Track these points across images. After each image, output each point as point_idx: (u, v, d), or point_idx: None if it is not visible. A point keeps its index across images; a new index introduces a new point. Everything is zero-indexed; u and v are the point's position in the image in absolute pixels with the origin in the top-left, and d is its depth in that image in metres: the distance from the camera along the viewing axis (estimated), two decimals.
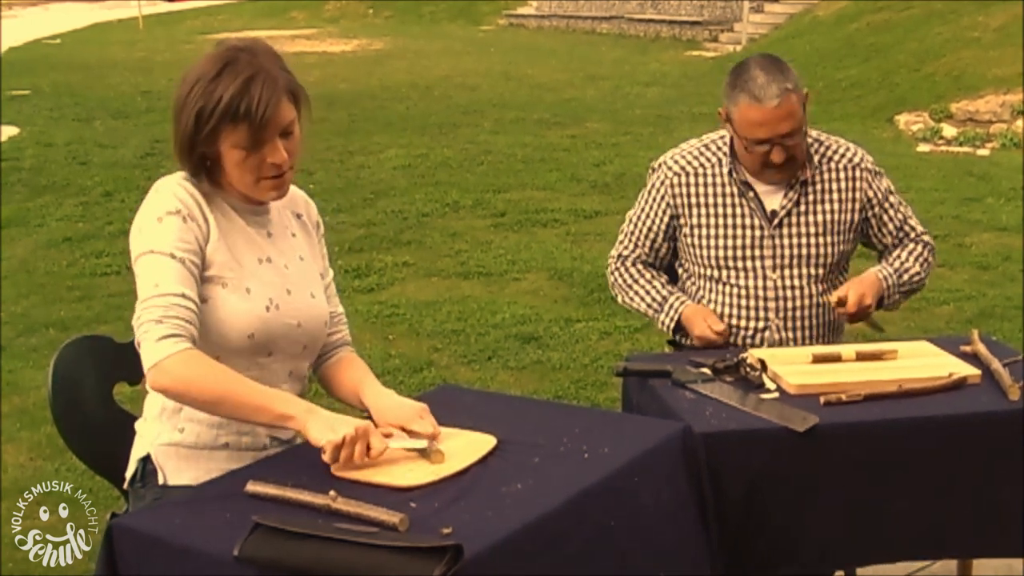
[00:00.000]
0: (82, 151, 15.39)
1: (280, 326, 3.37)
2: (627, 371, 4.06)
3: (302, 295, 3.47)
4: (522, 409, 3.75)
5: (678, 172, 4.58)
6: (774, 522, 3.56)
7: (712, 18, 29.04)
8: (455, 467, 3.09)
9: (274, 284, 3.39)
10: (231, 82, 3.21)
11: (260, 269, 3.38)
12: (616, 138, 15.72)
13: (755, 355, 3.96)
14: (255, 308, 3.32)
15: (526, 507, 2.88)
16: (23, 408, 7.13)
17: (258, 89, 3.22)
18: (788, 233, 4.46)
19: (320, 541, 2.63)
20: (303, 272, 3.52)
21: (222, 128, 3.22)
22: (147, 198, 3.33)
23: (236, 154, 3.26)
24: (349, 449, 3.05)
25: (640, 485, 3.19)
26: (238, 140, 3.24)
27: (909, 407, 3.65)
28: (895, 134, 16.71)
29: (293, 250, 3.52)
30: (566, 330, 8.36)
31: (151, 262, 3.21)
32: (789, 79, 4.31)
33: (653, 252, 4.68)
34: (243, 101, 3.20)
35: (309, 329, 3.48)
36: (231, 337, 3.30)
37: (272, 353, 3.39)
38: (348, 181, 13.37)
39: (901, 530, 3.64)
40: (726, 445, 3.48)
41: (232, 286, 3.30)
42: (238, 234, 3.37)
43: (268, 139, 3.26)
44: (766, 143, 4.32)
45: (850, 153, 4.57)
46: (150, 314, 3.15)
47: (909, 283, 4.52)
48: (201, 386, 3.14)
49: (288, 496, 2.90)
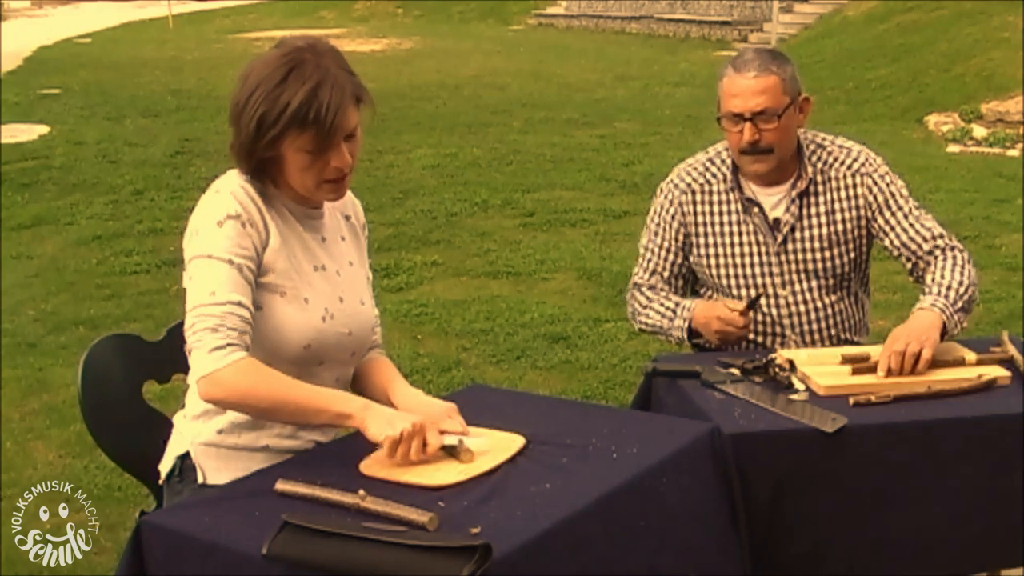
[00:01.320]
0: (112, 150, 15.43)
1: (333, 335, 3.38)
2: (656, 371, 4.05)
3: (353, 303, 3.47)
4: (550, 409, 3.74)
5: (684, 190, 4.56)
6: (802, 524, 3.54)
7: (741, 18, 28.98)
8: (484, 467, 3.09)
9: (328, 293, 3.39)
10: (298, 88, 3.18)
11: (315, 277, 3.38)
12: (645, 138, 15.70)
13: (784, 356, 3.95)
14: (312, 319, 3.32)
15: (555, 507, 2.88)
16: (53, 406, 7.15)
17: (326, 95, 3.19)
18: (793, 248, 4.43)
19: (348, 540, 2.63)
20: (353, 278, 3.52)
21: (287, 134, 3.20)
22: (206, 197, 3.30)
23: (301, 158, 3.24)
24: (407, 445, 3.06)
25: (668, 486, 3.18)
26: (304, 145, 3.22)
27: (939, 408, 3.64)
28: (925, 135, 16.65)
29: (344, 255, 3.52)
30: (594, 330, 8.35)
31: (208, 267, 3.18)
32: (778, 66, 4.33)
33: (673, 274, 4.61)
34: (311, 108, 3.17)
35: (359, 336, 3.49)
36: (288, 347, 3.30)
37: (324, 362, 3.39)
38: (377, 180, 13.38)
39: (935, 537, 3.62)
40: (754, 446, 3.47)
41: (290, 296, 3.30)
42: (296, 240, 3.37)
43: (334, 144, 3.25)
44: (739, 118, 4.31)
45: (850, 159, 4.46)
46: (204, 322, 3.14)
47: (963, 301, 4.17)
48: (257, 395, 3.14)
49: (317, 495, 2.91)
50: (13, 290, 9.83)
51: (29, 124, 17.56)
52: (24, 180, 13.88)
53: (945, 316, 4.05)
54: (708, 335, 4.39)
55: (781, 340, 4.48)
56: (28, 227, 11.94)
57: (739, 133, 4.33)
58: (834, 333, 4.50)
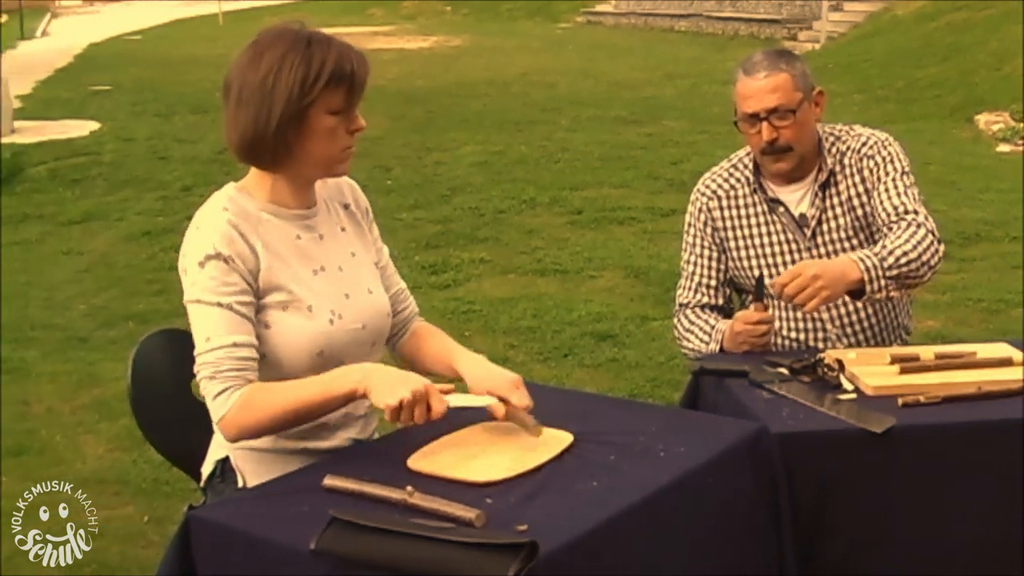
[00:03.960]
0: (162, 146, 15.52)
1: (345, 334, 3.37)
2: (703, 370, 4.04)
3: (361, 295, 3.47)
4: (598, 406, 3.74)
5: (711, 196, 4.59)
6: (849, 525, 3.52)
7: (790, 16, 28.87)
8: (531, 464, 3.09)
9: (332, 294, 3.39)
10: (327, 50, 3.26)
11: (316, 281, 3.37)
12: (693, 136, 15.67)
13: (832, 356, 3.93)
14: (319, 325, 3.32)
15: (602, 505, 2.87)
16: (102, 400, 7.19)
17: (352, 52, 3.30)
18: (823, 242, 4.41)
19: (396, 536, 2.64)
20: (358, 270, 3.51)
21: (322, 94, 3.23)
22: (189, 234, 3.30)
23: (328, 122, 3.27)
24: (408, 411, 3.06)
25: (715, 485, 3.17)
26: (335, 103, 3.26)
27: (988, 410, 3.61)
28: (974, 134, 16.55)
29: (344, 248, 3.51)
30: (642, 328, 8.34)
31: (199, 313, 3.23)
32: (788, 63, 4.34)
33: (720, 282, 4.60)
34: (345, 63, 3.26)
35: (374, 327, 3.48)
36: (300, 358, 3.31)
37: (343, 361, 3.36)
38: (425, 178, 13.39)
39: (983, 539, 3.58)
40: (802, 446, 3.45)
41: (292, 308, 3.30)
42: (290, 249, 3.36)
43: (356, 104, 3.32)
44: (755, 118, 4.32)
45: (858, 143, 4.43)
46: (204, 371, 3.20)
47: (897, 267, 4.05)
48: (267, 420, 3.20)
49: (365, 490, 2.91)
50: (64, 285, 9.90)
51: (80, 120, 17.69)
52: (75, 176, 13.99)
53: (867, 275, 4.01)
54: (738, 348, 4.36)
55: (823, 334, 4.47)
56: (78, 223, 12.03)
57: (757, 134, 4.34)
58: (875, 322, 4.48)
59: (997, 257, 10.17)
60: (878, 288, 4.03)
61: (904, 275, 4.07)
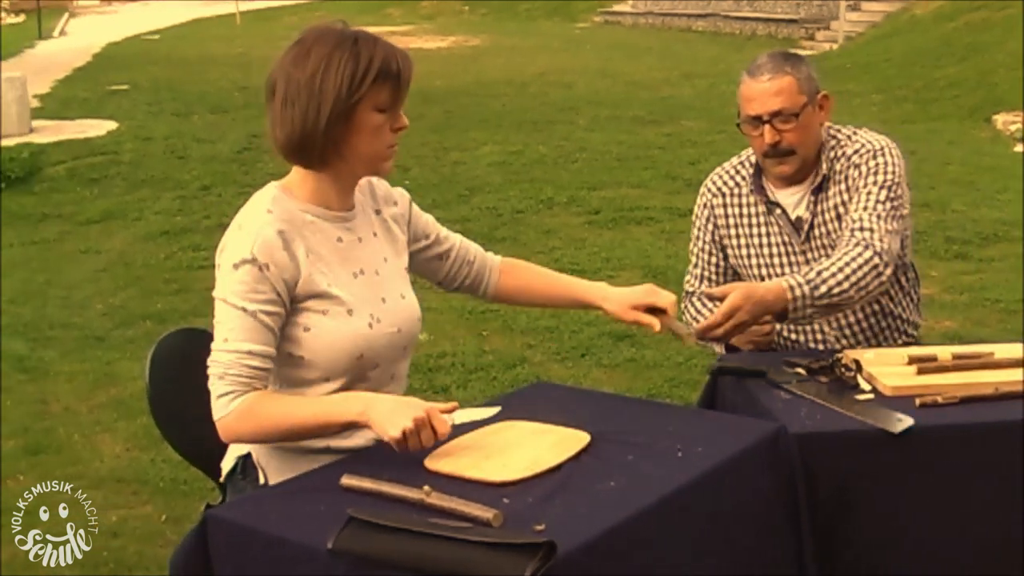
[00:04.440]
0: (180, 145, 15.55)
1: (382, 338, 3.40)
2: (722, 370, 4.04)
3: (395, 299, 3.49)
4: (615, 406, 3.73)
5: (715, 193, 4.59)
6: (868, 526, 3.52)
7: (809, 16, 28.86)
8: (548, 463, 3.08)
9: (370, 297, 3.41)
10: (374, 47, 3.27)
11: (356, 284, 3.40)
12: (711, 136, 15.67)
13: (850, 356, 3.93)
14: (360, 329, 3.34)
15: (620, 505, 2.87)
16: (120, 399, 7.22)
17: (398, 50, 3.32)
18: (817, 245, 4.39)
19: (413, 536, 2.64)
20: (391, 275, 3.53)
21: (371, 90, 3.25)
22: (231, 232, 3.33)
23: (374, 119, 3.29)
24: (415, 439, 3.06)
25: (734, 485, 3.17)
26: (382, 101, 3.28)
27: (1007, 410, 3.60)
28: (993, 134, 16.53)
29: (379, 253, 3.53)
30: None
31: (223, 311, 3.26)
32: (793, 66, 4.32)
33: (720, 278, 4.63)
34: (393, 60, 3.28)
35: (407, 332, 3.50)
36: (340, 361, 3.33)
37: (378, 365, 3.41)
38: (443, 177, 13.41)
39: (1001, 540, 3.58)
40: (820, 446, 3.45)
41: (334, 312, 3.32)
42: (332, 251, 3.38)
43: (401, 102, 3.34)
44: (758, 121, 4.30)
45: (851, 150, 4.37)
46: (214, 369, 3.24)
47: (828, 297, 4.01)
48: (262, 432, 3.26)
49: (382, 490, 2.91)
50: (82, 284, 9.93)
51: (98, 120, 17.71)
52: (93, 175, 14.02)
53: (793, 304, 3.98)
54: (742, 345, 4.42)
55: (821, 336, 4.48)
56: (97, 222, 12.06)
57: (760, 137, 4.32)
58: (873, 323, 4.48)
59: (1015, 257, 10.15)
60: (801, 316, 4.05)
61: (833, 304, 4.07)
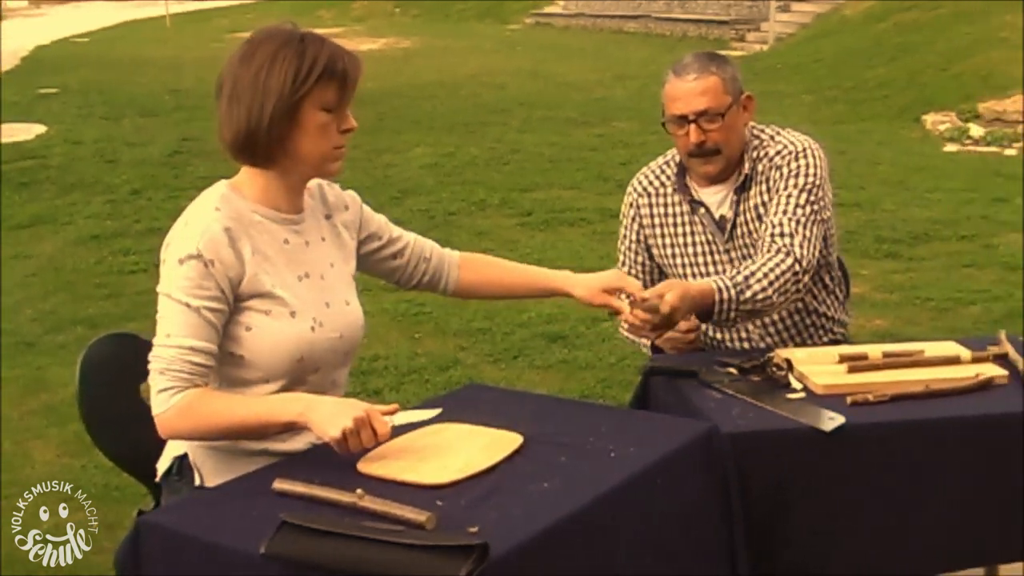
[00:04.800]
0: (110, 149, 15.44)
1: (324, 342, 3.40)
2: (654, 370, 4.06)
3: (339, 305, 3.49)
4: (548, 408, 3.73)
5: (641, 193, 4.63)
6: (803, 525, 3.55)
7: (739, 17, 28.96)
8: (482, 465, 3.09)
9: (315, 301, 3.41)
10: (320, 46, 3.29)
11: (300, 287, 3.40)
12: (643, 137, 15.68)
13: (782, 355, 3.95)
14: (302, 331, 3.34)
15: (553, 506, 2.88)
16: (51, 405, 7.16)
17: (345, 50, 3.35)
18: (738, 244, 4.42)
19: (346, 539, 2.63)
20: (337, 280, 3.54)
21: (315, 88, 3.26)
22: (177, 227, 3.31)
23: (320, 118, 3.29)
24: (355, 439, 3.06)
25: (666, 485, 3.18)
26: (327, 100, 3.29)
27: (936, 408, 3.64)
28: (923, 134, 16.67)
29: (326, 258, 3.53)
30: (592, 329, 8.36)
31: (168, 307, 3.24)
32: (718, 66, 4.35)
33: (644, 276, 4.66)
34: (338, 59, 3.30)
35: (349, 338, 3.50)
36: (281, 362, 3.33)
37: (319, 369, 3.41)
38: (376, 180, 13.38)
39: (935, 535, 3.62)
40: (753, 445, 3.47)
41: (276, 312, 3.32)
42: (278, 252, 3.38)
43: (347, 103, 3.35)
44: (683, 120, 4.33)
45: (774, 151, 4.41)
46: (156, 364, 3.23)
47: (752, 301, 4.07)
48: (201, 430, 3.24)
49: (315, 494, 2.91)
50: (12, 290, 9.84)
51: (27, 124, 17.57)
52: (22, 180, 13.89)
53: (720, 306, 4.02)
54: (666, 348, 4.46)
55: (745, 334, 4.51)
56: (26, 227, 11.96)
57: (685, 136, 4.35)
58: (797, 320, 4.52)
59: (946, 256, 10.24)
60: (725, 319, 4.09)
61: (757, 308, 4.12)
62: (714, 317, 4.05)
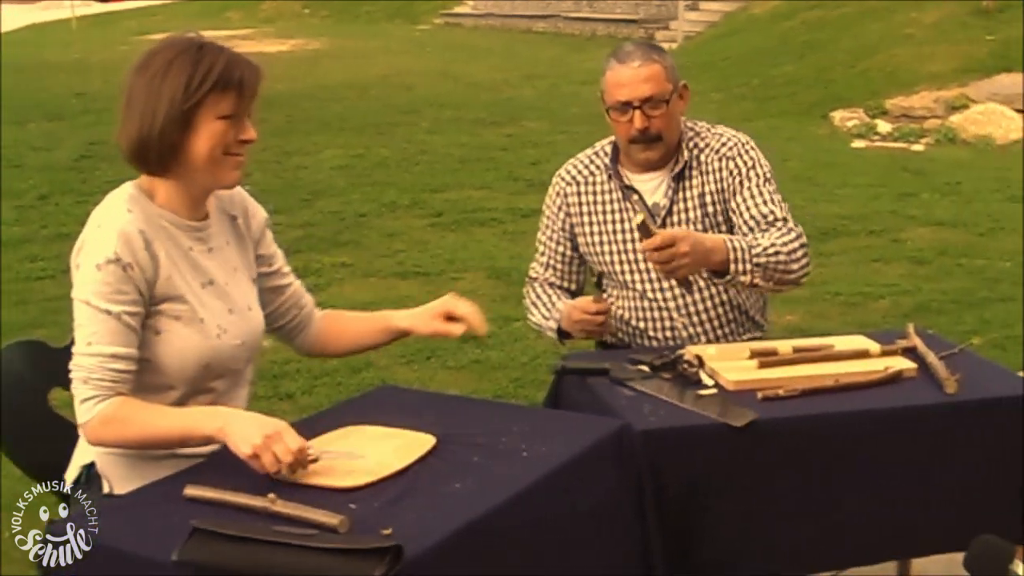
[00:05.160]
0: (16, 154, 15.25)
1: (228, 349, 3.39)
2: (565, 369, 4.06)
3: (242, 312, 3.48)
4: (461, 408, 3.75)
5: (569, 182, 4.65)
6: (718, 520, 3.57)
7: (648, 16, 29.06)
8: (395, 467, 3.08)
9: (219, 308, 3.40)
10: (216, 56, 3.26)
11: (205, 295, 3.38)
12: (553, 136, 15.72)
13: (693, 351, 3.97)
14: (208, 339, 3.33)
15: (466, 507, 2.88)
16: None
17: (244, 60, 3.31)
18: None
19: (259, 544, 2.62)
20: (239, 285, 3.53)
21: (209, 96, 3.23)
22: (89, 231, 3.28)
23: (216, 127, 3.26)
24: (268, 455, 3.02)
25: (579, 483, 3.19)
26: (223, 109, 3.26)
27: (846, 401, 3.68)
28: (830, 131, 16.81)
29: (229, 263, 3.52)
30: (505, 329, 8.36)
31: (86, 314, 3.21)
32: (659, 55, 4.42)
33: (565, 267, 4.72)
34: (235, 69, 3.26)
35: (250, 344, 3.50)
36: (187, 369, 3.32)
37: (222, 375, 3.41)
38: (286, 182, 13.32)
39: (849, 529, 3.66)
40: (665, 442, 3.49)
41: (186, 319, 3.31)
42: (184, 259, 3.36)
43: (246, 113, 3.31)
44: (627, 107, 4.37)
45: (718, 143, 4.51)
46: (78, 373, 3.21)
47: (765, 255, 4.12)
48: (124, 439, 3.23)
49: (227, 499, 2.89)
50: None
51: None
52: None
53: (734, 255, 4.05)
54: (576, 333, 4.52)
55: (670, 323, 4.53)
56: None
57: (628, 122, 4.40)
58: (722, 312, 4.55)
59: (855, 251, 10.34)
60: (743, 271, 4.07)
61: (771, 266, 4.13)
62: (731, 268, 4.05)
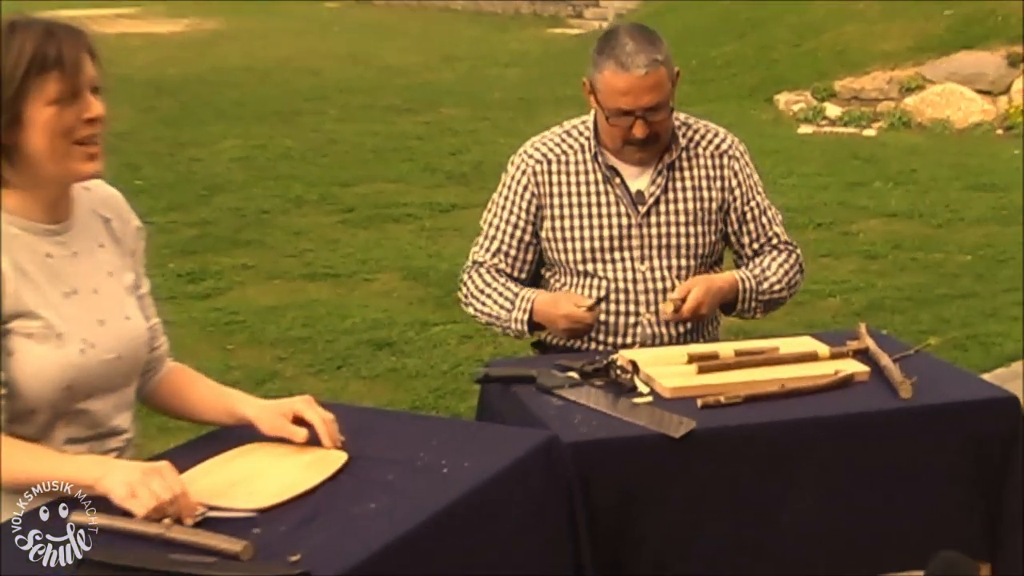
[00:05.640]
0: None
1: (98, 365, 3.28)
2: (488, 377, 4.06)
3: (117, 322, 3.37)
4: (374, 421, 3.72)
5: (540, 160, 4.61)
6: (654, 537, 3.58)
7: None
8: (302, 487, 3.07)
9: (85, 319, 3.29)
10: (27, 36, 3.13)
11: (67, 305, 3.27)
12: (474, 124, 15.74)
13: (626, 356, 3.98)
14: (68, 356, 3.21)
15: (381, 528, 2.88)
16: None
17: (61, 34, 3.16)
18: (656, 222, 4.50)
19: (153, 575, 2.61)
20: (114, 292, 3.42)
21: (30, 85, 3.11)
22: None
23: (49, 115, 3.14)
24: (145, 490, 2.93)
25: (505, 499, 3.20)
26: (50, 94, 3.13)
27: (793, 408, 3.70)
28: (775, 115, 16.91)
29: (101, 267, 3.41)
30: (423, 334, 8.37)
31: None
32: (660, 51, 4.38)
33: (520, 254, 4.67)
34: (50, 47, 3.12)
35: (130, 357, 3.39)
36: (46, 391, 3.19)
37: (93, 395, 3.29)
38: (179, 176, 13.26)
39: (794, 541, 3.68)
40: (597, 455, 3.49)
41: (39, 336, 3.19)
42: (39, 268, 3.25)
43: (81, 90, 3.17)
44: (628, 115, 4.37)
45: (718, 139, 4.62)
46: None
47: (770, 292, 4.58)
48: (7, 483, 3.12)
49: (117, 526, 2.87)
50: None
51: None
52: None
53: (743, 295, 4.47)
54: (555, 331, 4.48)
55: (635, 318, 4.52)
56: None
57: (628, 129, 4.40)
58: None
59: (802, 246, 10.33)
60: (747, 308, 4.48)
61: (773, 301, 4.54)
62: (738, 306, 4.44)
